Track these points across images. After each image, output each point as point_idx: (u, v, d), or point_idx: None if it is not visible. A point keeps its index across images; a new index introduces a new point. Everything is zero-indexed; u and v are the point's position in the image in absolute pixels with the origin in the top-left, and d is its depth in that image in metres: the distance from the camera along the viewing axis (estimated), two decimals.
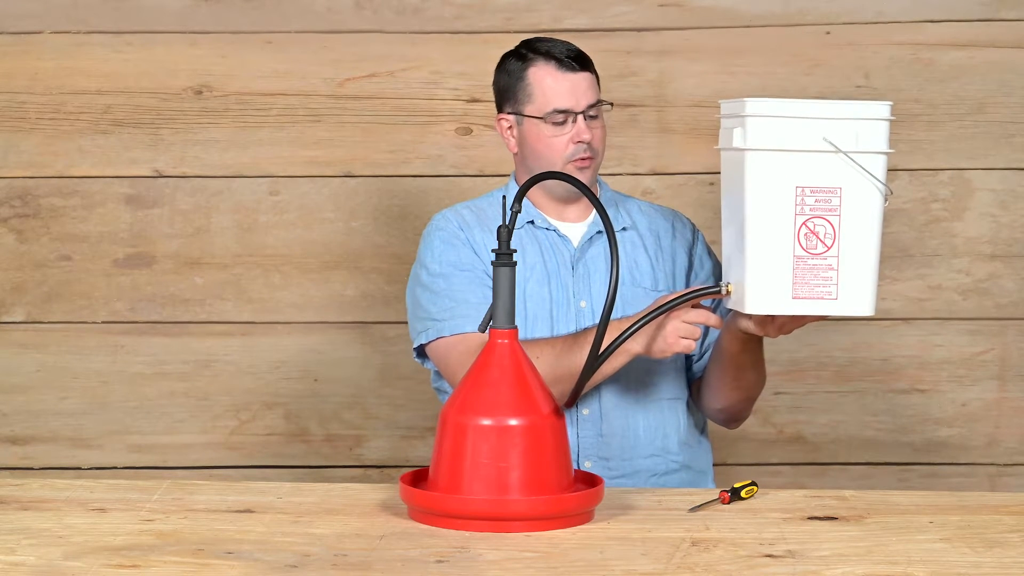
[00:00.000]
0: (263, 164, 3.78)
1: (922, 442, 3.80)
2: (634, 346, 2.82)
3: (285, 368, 3.81)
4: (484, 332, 2.56)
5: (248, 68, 3.77)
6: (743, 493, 2.64)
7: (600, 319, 2.57)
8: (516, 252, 2.55)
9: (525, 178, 2.90)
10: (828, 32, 3.74)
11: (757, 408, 3.14)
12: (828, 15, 3.74)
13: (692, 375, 3.09)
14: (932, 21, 3.74)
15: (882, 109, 2.65)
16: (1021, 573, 2.27)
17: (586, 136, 2.98)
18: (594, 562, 2.30)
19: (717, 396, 3.04)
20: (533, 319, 2.98)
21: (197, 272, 3.79)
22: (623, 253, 3.04)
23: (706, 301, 2.88)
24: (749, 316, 2.75)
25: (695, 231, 3.14)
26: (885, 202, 2.66)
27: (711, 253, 3.11)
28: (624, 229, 3.08)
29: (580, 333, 2.92)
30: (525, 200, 3.05)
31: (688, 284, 3.08)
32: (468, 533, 2.42)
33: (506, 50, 3.07)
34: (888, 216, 3.69)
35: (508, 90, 3.04)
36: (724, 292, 2.73)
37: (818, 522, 2.52)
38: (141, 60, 3.76)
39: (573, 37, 3.10)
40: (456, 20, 3.76)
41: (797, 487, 3.46)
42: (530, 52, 3.02)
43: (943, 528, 2.48)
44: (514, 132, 3.04)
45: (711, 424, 3.15)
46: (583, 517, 2.50)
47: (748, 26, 3.74)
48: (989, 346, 3.79)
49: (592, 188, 3.04)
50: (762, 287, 2.65)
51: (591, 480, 2.58)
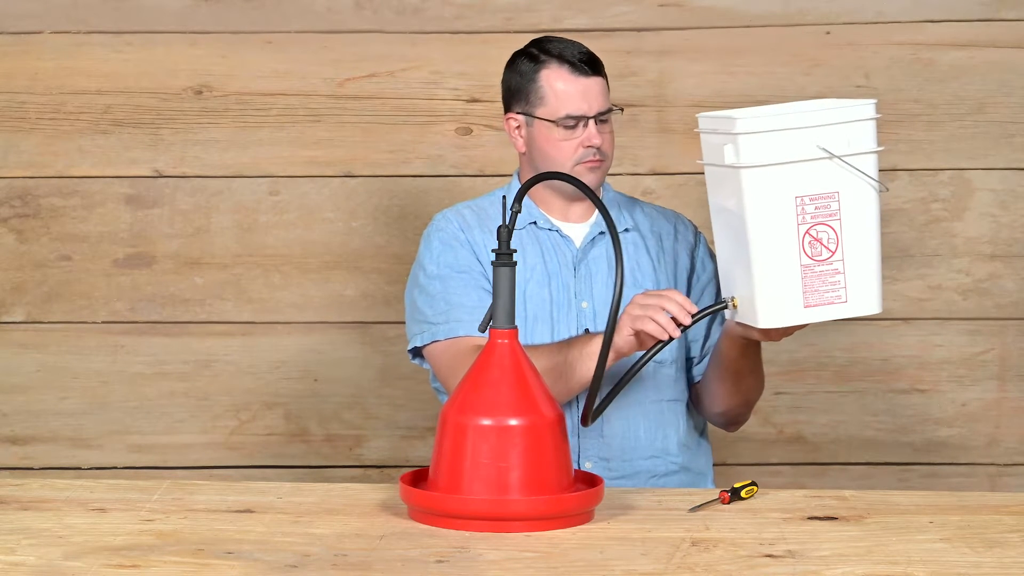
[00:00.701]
0: (263, 164, 3.78)
1: (922, 442, 3.80)
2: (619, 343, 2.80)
3: (285, 368, 3.81)
4: (484, 332, 2.56)
5: (248, 68, 3.76)
6: (743, 493, 2.64)
7: (608, 321, 2.56)
8: (516, 252, 2.55)
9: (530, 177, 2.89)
10: (828, 32, 3.74)
11: (757, 408, 3.14)
12: (828, 15, 3.74)
13: (692, 378, 3.09)
14: (932, 21, 3.74)
15: (868, 109, 2.64)
16: (1021, 573, 2.27)
17: (596, 141, 2.97)
18: (594, 562, 2.30)
19: (716, 400, 3.04)
20: (534, 320, 2.98)
21: (197, 272, 3.79)
22: (625, 255, 3.03)
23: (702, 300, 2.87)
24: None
25: (697, 233, 3.13)
26: (878, 196, 2.65)
27: (713, 256, 3.11)
28: (626, 231, 3.07)
29: (578, 336, 2.92)
30: (528, 200, 3.05)
31: (689, 286, 3.07)
32: (468, 533, 2.43)
33: (506, 50, 3.07)
34: (888, 216, 3.72)
35: (519, 90, 3.03)
36: (731, 307, 2.72)
37: (818, 522, 2.52)
38: (141, 60, 3.76)
39: (573, 37, 3.09)
40: (456, 20, 3.75)
41: (797, 487, 3.46)
42: (542, 53, 3.00)
43: (943, 528, 2.48)
44: (522, 132, 3.03)
45: (711, 424, 3.15)
46: (583, 517, 2.50)
47: (748, 26, 3.74)
48: (989, 346, 3.79)
49: (597, 191, 3.04)
50: (773, 300, 2.64)
51: (591, 480, 2.58)
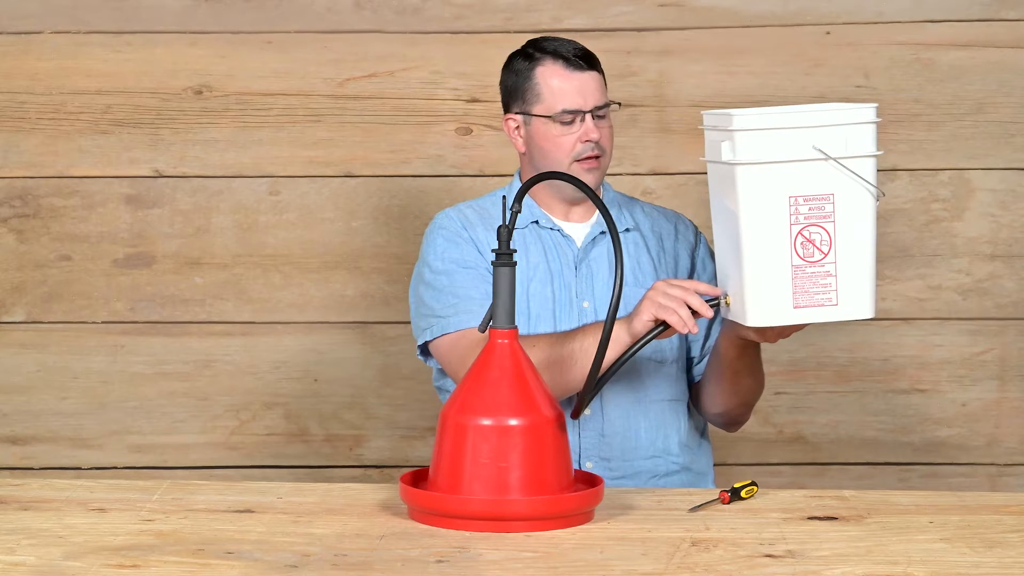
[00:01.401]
0: (263, 164, 3.78)
1: (922, 442, 3.80)
2: (619, 332, 2.79)
3: (285, 368, 3.81)
4: (484, 332, 2.56)
5: (248, 68, 3.76)
6: (743, 493, 2.64)
7: (606, 320, 2.56)
8: (516, 252, 2.55)
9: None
10: (828, 32, 3.74)
11: (757, 408, 3.14)
12: (828, 15, 3.74)
13: (692, 378, 3.09)
14: (932, 21, 3.74)
15: (868, 112, 2.63)
16: (1021, 573, 2.27)
17: (594, 135, 2.97)
18: (594, 562, 2.30)
19: (715, 401, 3.04)
20: (536, 319, 2.98)
21: (197, 272, 3.79)
22: (626, 254, 3.03)
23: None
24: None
25: (697, 233, 3.14)
26: (876, 202, 2.65)
27: (713, 256, 3.11)
28: (627, 230, 3.07)
29: (579, 328, 2.92)
30: (529, 200, 3.05)
31: None
32: (468, 533, 2.43)
33: (506, 50, 3.07)
34: (888, 216, 3.72)
35: (516, 90, 3.03)
36: (723, 304, 2.72)
37: (818, 522, 2.52)
38: (141, 60, 3.76)
39: (573, 37, 3.09)
40: (456, 20, 3.75)
41: (797, 487, 3.46)
42: (537, 51, 3.01)
43: (943, 528, 2.48)
44: (521, 132, 3.04)
45: (711, 424, 3.15)
46: (583, 517, 2.50)
47: (748, 26, 3.74)
48: (989, 346, 3.79)
49: (596, 190, 3.04)
50: (762, 299, 2.64)
51: (591, 480, 2.58)
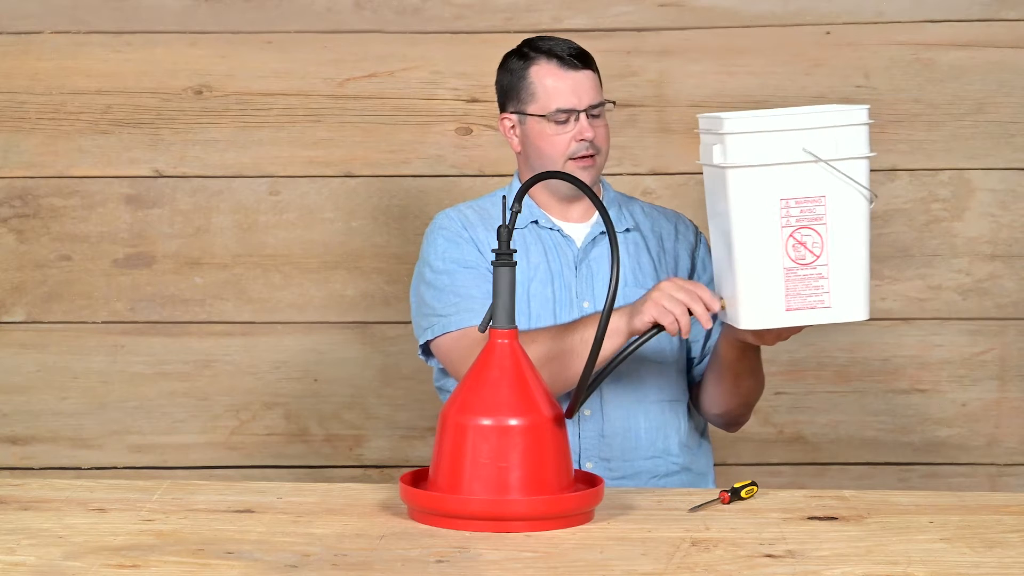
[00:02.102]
0: (263, 164, 3.78)
1: (922, 442, 3.80)
2: (620, 324, 2.78)
3: (285, 368, 3.81)
4: (484, 332, 2.56)
5: (248, 68, 3.77)
6: (743, 493, 2.63)
7: (600, 319, 2.56)
8: (516, 252, 2.55)
9: (529, 177, 2.89)
10: (828, 32, 3.74)
11: (757, 408, 3.14)
12: (828, 15, 3.74)
13: (692, 378, 3.09)
14: (932, 21, 3.74)
15: (860, 114, 2.62)
16: (1021, 573, 2.27)
17: (588, 134, 2.97)
18: (594, 562, 2.30)
19: (715, 402, 3.04)
20: (537, 319, 2.98)
21: (197, 272, 3.79)
22: (626, 254, 3.03)
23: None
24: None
25: (698, 234, 3.13)
26: (870, 205, 2.64)
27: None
28: (628, 230, 3.07)
29: (578, 320, 2.91)
30: (529, 200, 3.05)
31: None
32: (468, 533, 2.42)
33: (506, 50, 3.07)
34: (888, 216, 3.72)
35: (511, 89, 3.04)
36: (718, 307, 2.72)
37: (818, 522, 2.52)
38: (141, 60, 3.76)
39: (573, 37, 3.10)
40: (456, 20, 3.75)
41: (797, 487, 3.46)
42: (531, 51, 3.02)
43: (943, 528, 2.48)
44: (517, 131, 3.04)
45: (711, 424, 3.15)
46: (583, 517, 2.50)
47: (748, 26, 3.74)
48: (989, 346, 3.79)
49: (595, 189, 3.04)
50: (755, 302, 2.64)
51: (591, 480, 2.58)
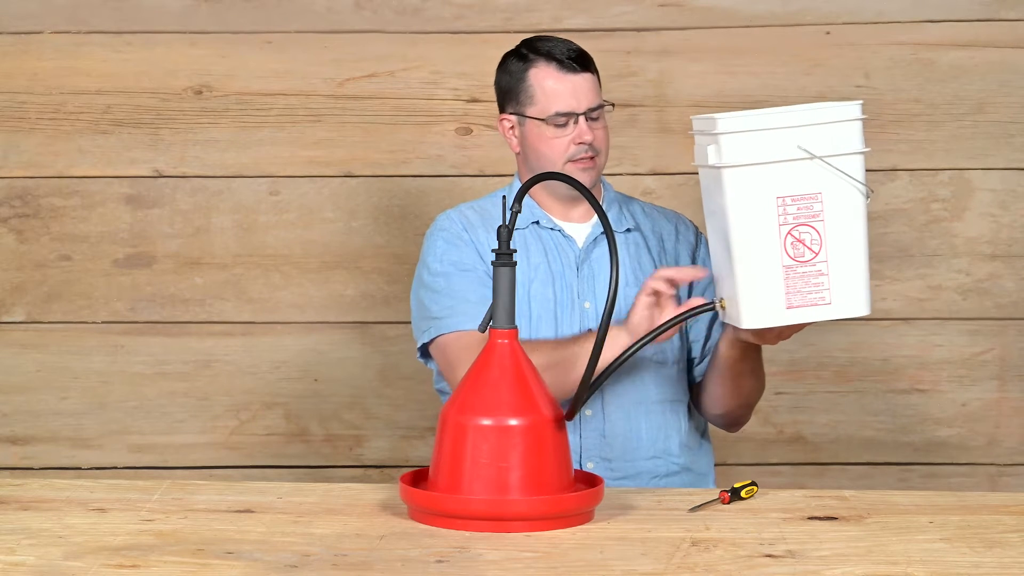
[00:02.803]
0: (263, 164, 3.78)
1: (922, 442, 3.80)
2: (620, 335, 2.80)
3: (285, 368, 3.81)
4: (484, 332, 2.56)
5: (248, 68, 3.77)
6: (743, 493, 2.63)
7: (601, 321, 2.56)
8: (516, 252, 2.55)
9: (528, 178, 2.89)
10: (828, 32, 3.74)
11: (757, 408, 3.14)
12: (828, 15, 3.74)
13: (693, 379, 3.09)
14: (932, 21, 3.74)
15: (852, 109, 2.62)
16: (1021, 573, 2.27)
17: (588, 137, 2.97)
18: (594, 562, 2.30)
19: (716, 402, 3.04)
20: (537, 320, 2.98)
21: (197, 272, 3.79)
22: (627, 254, 3.03)
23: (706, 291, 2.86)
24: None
25: (698, 234, 3.13)
26: (867, 200, 2.64)
27: None
28: (628, 231, 3.07)
29: (578, 335, 2.92)
30: (530, 200, 3.05)
31: (691, 286, 3.07)
32: (468, 533, 2.42)
33: (506, 50, 3.07)
34: (888, 216, 3.72)
35: (510, 91, 3.04)
36: (718, 307, 2.72)
37: (818, 522, 2.52)
38: (141, 60, 3.76)
39: (573, 37, 3.10)
40: (456, 20, 3.75)
41: (797, 487, 3.46)
42: (531, 53, 3.02)
43: (943, 528, 2.48)
44: (516, 132, 3.04)
45: (712, 425, 3.15)
46: (583, 517, 2.50)
47: (748, 26, 3.74)
48: (989, 346, 3.79)
49: (596, 189, 3.04)
50: (755, 301, 2.64)
51: (591, 480, 2.58)
